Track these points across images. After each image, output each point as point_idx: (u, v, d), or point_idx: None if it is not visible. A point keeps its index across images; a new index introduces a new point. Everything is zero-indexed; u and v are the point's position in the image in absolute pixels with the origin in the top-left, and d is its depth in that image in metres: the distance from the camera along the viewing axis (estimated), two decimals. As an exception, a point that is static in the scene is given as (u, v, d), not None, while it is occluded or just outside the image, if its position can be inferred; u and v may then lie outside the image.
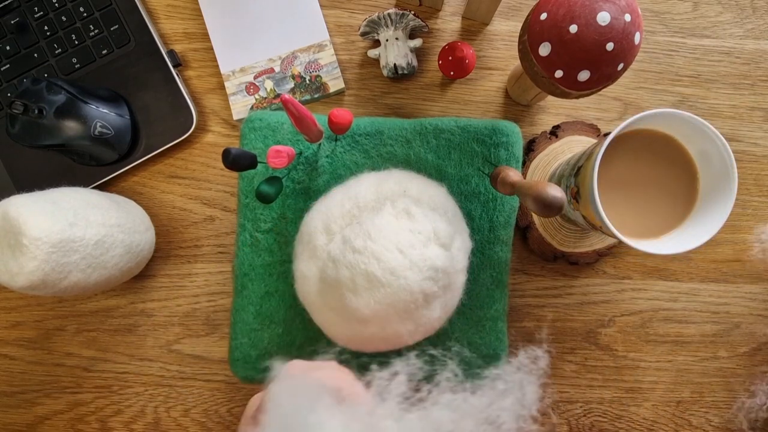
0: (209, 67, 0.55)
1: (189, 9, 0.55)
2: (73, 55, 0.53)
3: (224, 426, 0.53)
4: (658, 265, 0.55)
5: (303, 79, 0.55)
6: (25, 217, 0.41)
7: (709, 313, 0.55)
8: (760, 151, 0.56)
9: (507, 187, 0.42)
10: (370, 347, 0.45)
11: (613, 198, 0.44)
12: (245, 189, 0.51)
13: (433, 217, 0.42)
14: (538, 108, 0.55)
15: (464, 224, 0.46)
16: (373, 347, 0.45)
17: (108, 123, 0.50)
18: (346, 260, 0.40)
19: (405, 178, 0.45)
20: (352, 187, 0.45)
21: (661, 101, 0.56)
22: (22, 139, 0.49)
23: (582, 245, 0.53)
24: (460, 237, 0.44)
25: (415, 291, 0.39)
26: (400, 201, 0.43)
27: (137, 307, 0.54)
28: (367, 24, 0.52)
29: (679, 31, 0.56)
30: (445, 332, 0.48)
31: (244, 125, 0.51)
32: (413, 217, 0.41)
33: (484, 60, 0.56)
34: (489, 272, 0.50)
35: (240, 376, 0.51)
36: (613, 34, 0.37)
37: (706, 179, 0.44)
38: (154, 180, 0.54)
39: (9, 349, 0.54)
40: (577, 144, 0.54)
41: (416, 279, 0.39)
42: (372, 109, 0.55)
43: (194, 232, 0.54)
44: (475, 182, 0.49)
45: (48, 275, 0.41)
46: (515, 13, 0.56)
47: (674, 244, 0.42)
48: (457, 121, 0.50)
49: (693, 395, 0.55)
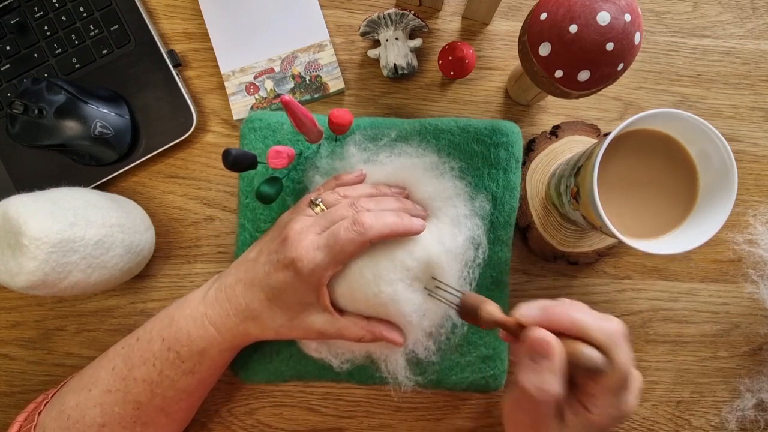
0: (209, 67, 0.55)
1: (189, 9, 0.55)
2: (73, 55, 0.53)
3: (224, 426, 0.53)
4: (658, 265, 0.55)
5: (303, 79, 0.55)
6: (25, 217, 0.41)
7: (709, 313, 0.55)
8: (760, 151, 0.56)
9: (489, 325, 0.37)
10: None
11: (612, 198, 0.44)
12: (245, 189, 0.51)
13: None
14: (538, 108, 0.55)
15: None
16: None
17: (108, 123, 0.50)
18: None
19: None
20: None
21: (661, 101, 0.56)
22: (22, 139, 0.49)
23: (582, 245, 0.53)
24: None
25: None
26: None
27: (137, 307, 0.54)
28: (367, 24, 0.52)
29: (679, 31, 0.56)
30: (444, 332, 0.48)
31: (244, 125, 0.51)
32: None
33: (484, 60, 0.56)
34: (489, 272, 0.50)
35: (240, 376, 0.51)
36: (613, 34, 0.37)
37: (706, 179, 0.44)
38: (154, 180, 0.54)
39: (9, 349, 0.54)
40: (577, 144, 0.54)
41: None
42: (372, 109, 0.55)
43: (194, 232, 0.54)
44: (475, 182, 0.49)
45: (48, 275, 0.41)
46: (515, 13, 0.56)
47: (674, 244, 0.42)
48: (457, 121, 0.50)
49: (693, 395, 0.55)
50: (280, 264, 0.42)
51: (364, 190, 0.46)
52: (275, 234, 0.45)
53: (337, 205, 0.44)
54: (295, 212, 0.46)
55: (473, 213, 0.47)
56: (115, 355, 0.45)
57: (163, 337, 0.44)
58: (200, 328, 0.43)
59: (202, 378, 0.45)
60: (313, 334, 0.44)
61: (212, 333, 0.43)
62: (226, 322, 0.43)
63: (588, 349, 0.32)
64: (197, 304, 0.45)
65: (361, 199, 0.44)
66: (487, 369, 0.49)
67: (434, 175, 0.47)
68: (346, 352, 0.47)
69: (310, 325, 0.43)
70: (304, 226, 0.42)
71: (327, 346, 0.48)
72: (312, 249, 0.41)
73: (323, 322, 0.43)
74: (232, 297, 0.44)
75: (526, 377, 0.33)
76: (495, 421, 0.54)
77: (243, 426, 0.53)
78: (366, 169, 0.48)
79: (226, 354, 0.45)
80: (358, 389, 0.54)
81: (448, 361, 0.49)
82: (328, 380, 0.51)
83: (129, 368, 0.44)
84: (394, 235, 0.42)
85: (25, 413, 0.46)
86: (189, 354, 0.43)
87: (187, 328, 0.43)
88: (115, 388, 0.43)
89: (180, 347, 0.43)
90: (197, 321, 0.44)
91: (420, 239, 0.44)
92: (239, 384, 0.53)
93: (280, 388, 0.54)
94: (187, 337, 0.43)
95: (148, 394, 0.43)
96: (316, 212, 0.44)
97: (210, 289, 0.45)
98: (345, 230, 0.41)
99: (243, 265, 0.45)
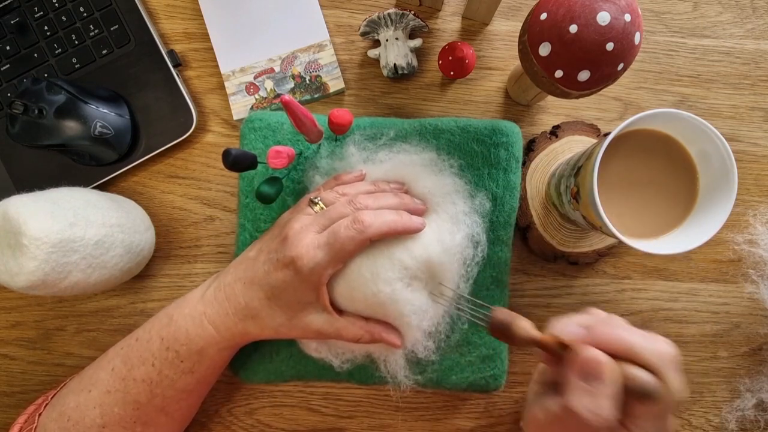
0: (209, 67, 0.55)
1: (189, 9, 0.55)
2: (73, 55, 0.53)
3: (224, 426, 0.53)
4: (658, 265, 0.55)
5: (303, 79, 0.55)
6: (25, 217, 0.41)
7: (709, 313, 0.55)
8: (760, 151, 0.56)
9: (525, 343, 0.35)
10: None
11: (612, 198, 0.44)
12: (245, 189, 0.51)
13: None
14: (538, 108, 0.55)
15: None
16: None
17: (108, 123, 0.50)
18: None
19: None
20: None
21: (661, 101, 0.56)
22: (22, 139, 0.49)
23: (582, 245, 0.53)
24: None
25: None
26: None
27: (137, 307, 0.54)
28: (367, 24, 0.52)
29: (679, 31, 0.56)
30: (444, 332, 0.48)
31: (244, 125, 0.51)
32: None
33: (484, 60, 0.56)
34: (489, 272, 0.50)
35: (240, 376, 0.51)
36: (613, 34, 0.37)
37: (706, 179, 0.44)
38: (154, 180, 0.54)
39: (9, 349, 0.54)
40: (577, 144, 0.54)
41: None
42: (372, 109, 0.55)
43: (194, 232, 0.54)
44: (475, 182, 0.49)
45: (48, 275, 0.41)
46: (515, 13, 0.56)
47: (674, 244, 0.42)
48: (457, 121, 0.50)
49: (693, 395, 0.55)
50: (279, 263, 0.42)
51: (362, 188, 0.46)
52: (275, 233, 0.45)
53: (336, 203, 0.44)
54: (294, 212, 0.46)
55: (473, 210, 0.47)
56: (114, 355, 0.45)
57: (162, 337, 0.44)
58: (199, 327, 0.43)
59: (201, 377, 0.45)
60: (311, 333, 0.44)
61: (211, 332, 0.43)
62: (224, 321, 0.43)
63: (642, 373, 0.30)
64: (196, 303, 0.45)
65: (359, 196, 0.44)
66: (487, 369, 0.49)
67: (433, 171, 0.48)
68: (346, 352, 0.47)
69: (309, 324, 0.43)
70: (303, 225, 0.42)
71: (327, 346, 0.48)
72: (312, 247, 0.41)
73: (322, 321, 0.43)
74: (231, 296, 0.44)
75: (579, 400, 0.30)
76: (495, 421, 0.54)
77: (243, 426, 0.53)
78: (366, 169, 0.48)
79: (225, 353, 0.45)
80: (358, 389, 0.54)
81: (448, 361, 0.49)
82: (328, 380, 0.51)
83: (128, 368, 0.44)
84: (394, 233, 0.42)
85: (25, 415, 0.46)
86: (188, 353, 0.43)
87: (186, 327, 0.43)
88: (115, 389, 0.43)
89: (179, 346, 0.43)
90: (196, 320, 0.44)
91: (419, 238, 0.44)
92: (239, 384, 0.53)
93: (280, 388, 0.54)
94: (186, 336, 0.43)
95: (148, 394, 0.43)
96: (315, 211, 0.44)
97: (209, 288, 0.45)
98: (345, 228, 0.41)
99: (242, 264, 0.45)
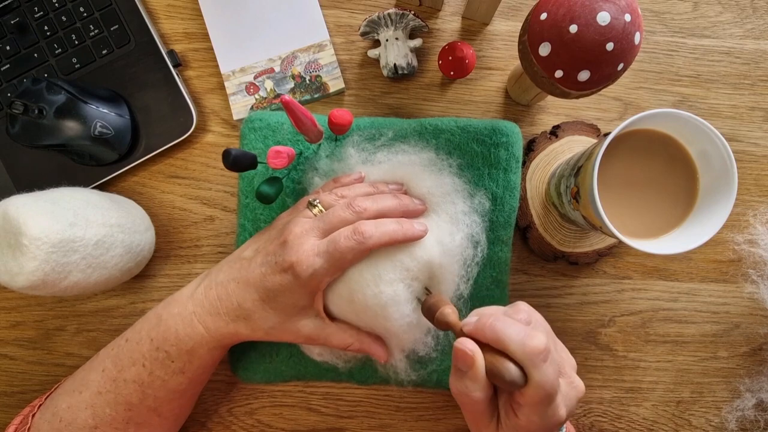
0: (209, 67, 0.55)
1: (189, 9, 0.55)
2: (73, 55, 0.53)
3: (224, 426, 0.53)
4: (658, 265, 0.55)
5: (303, 79, 0.55)
6: (25, 217, 0.41)
7: (709, 313, 0.55)
8: (760, 151, 0.56)
9: (442, 326, 0.39)
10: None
11: (612, 198, 0.44)
12: (245, 189, 0.51)
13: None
14: (538, 108, 0.55)
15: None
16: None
17: (108, 123, 0.50)
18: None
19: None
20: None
21: (661, 101, 0.56)
22: (22, 139, 0.49)
23: (582, 245, 0.53)
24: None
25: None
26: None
27: (137, 307, 0.54)
28: (367, 24, 0.52)
29: (679, 31, 0.56)
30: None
31: (244, 125, 0.51)
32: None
33: (484, 60, 0.56)
34: (489, 272, 0.50)
35: (240, 376, 0.51)
36: (613, 34, 0.37)
37: (706, 179, 0.44)
38: (154, 180, 0.54)
39: (9, 349, 0.54)
40: (577, 144, 0.54)
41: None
42: (372, 109, 0.55)
43: (194, 232, 0.54)
44: (475, 182, 0.49)
45: (48, 275, 0.41)
46: (515, 13, 0.56)
47: (674, 244, 0.42)
48: (457, 121, 0.50)
49: (693, 395, 0.55)
50: (278, 266, 0.41)
51: (361, 189, 0.46)
52: (273, 235, 0.44)
53: (335, 206, 0.43)
54: (292, 213, 0.46)
55: (472, 210, 0.47)
56: (105, 356, 0.45)
57: (152, 337, 0.43)
58: (188, 326, 0.43)
59: (192, 377, 0.45)
60: (301, 338, 0.44)
61: (201, 331, 0.43)
62: (215, 321, 0.43)
63: (507, 365, 0.33)
64: (185, 301, 0.44)
65: (357, 198, 0.44)
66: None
67: (432, 171, 0.47)
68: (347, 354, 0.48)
69: (301, 328, 0.43)
70: (303, 230, 0.42)
71: (330, 350, 0.48)
72: (312, 254, 0.41)
73: (314, 326, 0.43)
74: (223, 295, 0.43)
75: (453, 381, 0.36)
76: (495, 421, 0.54)
77: (243, 426, 0.53)
78: (365, 170, 0.48)
79: (216, 353, 0.45)
80: (358, 389, 0.54)
81: (449, 361, 0.49)
82: (328, 380, 0.51)
83: (119, 369, 0.43)
84: (394, 243, 0.42)
85: (20, 416, 0.46)
86: (178, 353, 0.43)
87: (176, 327, 0.43)
88: (106, 390, 0.43)
89: (169, 347, 0.43)
90: (185, 320, 0.43)
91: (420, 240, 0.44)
92: (239, 384, 0.53)
93: (280, 388, 0.54)
94: (176, 336, 0.43)
95: (140, 394, 0.43)
96: (314, 213, 0.44)
97: (198, 287, 0.45)
98: (345, 238, 0.40)
99: (236, 264, 0.45)
